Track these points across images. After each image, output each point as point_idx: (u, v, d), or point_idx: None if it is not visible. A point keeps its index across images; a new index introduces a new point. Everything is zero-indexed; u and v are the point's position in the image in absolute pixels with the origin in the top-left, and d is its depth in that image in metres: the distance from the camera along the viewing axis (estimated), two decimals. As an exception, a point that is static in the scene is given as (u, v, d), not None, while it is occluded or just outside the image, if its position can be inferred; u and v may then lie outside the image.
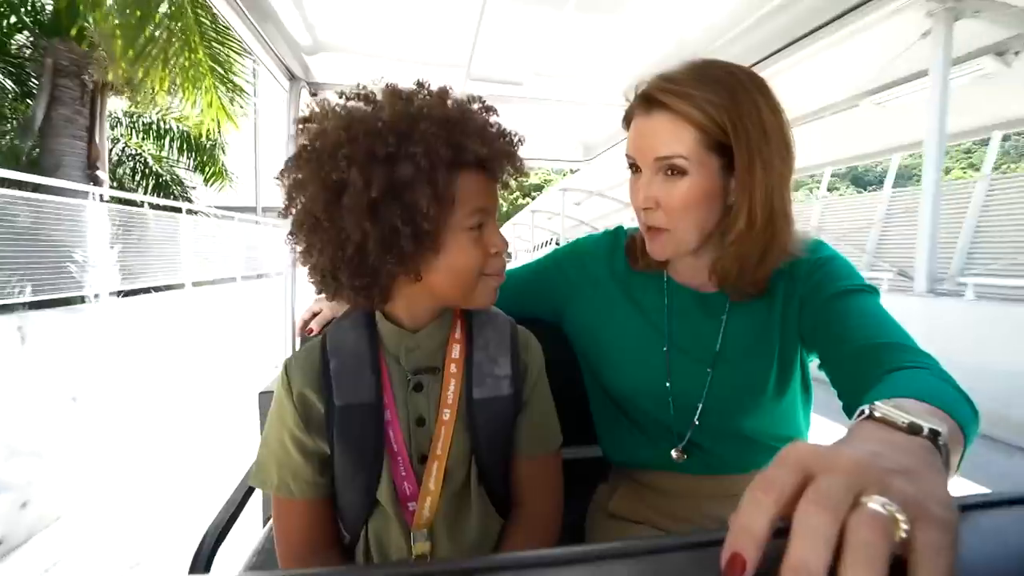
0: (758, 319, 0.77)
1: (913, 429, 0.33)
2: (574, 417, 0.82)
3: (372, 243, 0.55)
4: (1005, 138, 6.64)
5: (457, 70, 1.45)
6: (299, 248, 0.61)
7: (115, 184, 6.93)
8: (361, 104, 0.59)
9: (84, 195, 4.77)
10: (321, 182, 0.56)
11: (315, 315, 0.95)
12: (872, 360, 0.57)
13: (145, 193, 7.48)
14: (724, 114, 0.65)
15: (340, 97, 0.60)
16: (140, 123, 7.74)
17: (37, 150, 5.62)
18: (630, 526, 0.83)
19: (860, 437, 0.33)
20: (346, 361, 0.65)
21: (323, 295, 0.94)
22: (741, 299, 0.76)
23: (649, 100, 0.70)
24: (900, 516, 0.23)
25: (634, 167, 0.74)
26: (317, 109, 0.60)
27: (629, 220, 0.90)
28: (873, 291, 0.69)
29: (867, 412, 0.36)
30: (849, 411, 0.57)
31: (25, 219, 3.92)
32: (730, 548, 0.24)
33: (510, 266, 0.78)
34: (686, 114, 0.66)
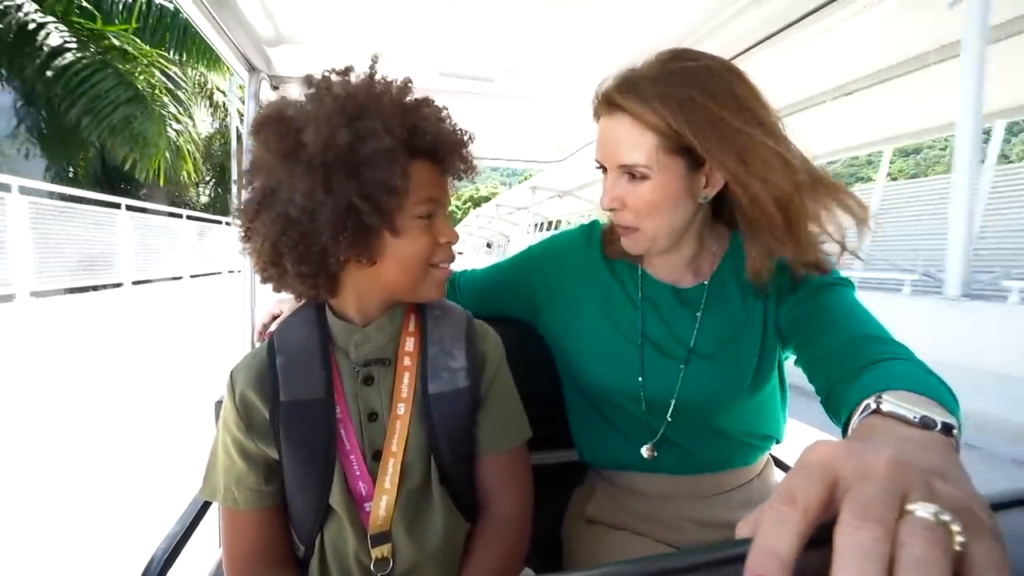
0: (734, 314, 0.76)
1: (925, 423, 0.31)
2: (548, 420, 0.80)
3: (325, 218, 0.54)
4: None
5: (426, 64, 1.41)
6: (242, 232, 0.60)
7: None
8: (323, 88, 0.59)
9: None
10: (277, 153, 0.55)
11: (275, 318, 0.89)
12: (853, 352, 0.56)
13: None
14: (681, 119, 0.63)
15: (308, 86, 0.60)
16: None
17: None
18: (609, 532, 0.82)
19: (876, 434, 0.31)
20: (294, 356, 0.63)
21: (284, 298, 0.91)
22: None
23: (610, 102, 0.68)
24: (956, 527, 0.21)
25: (602, 169, 0.74)
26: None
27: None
28: (849, 285, 0.69)
29: (873, 406, 0.34)
30: (830, 403, 0.57)
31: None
32: (753, 572, 0.21)
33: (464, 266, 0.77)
34: (644, 119, 0.65)
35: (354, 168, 0.53)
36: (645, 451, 0.78)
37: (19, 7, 6.84)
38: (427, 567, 0.64)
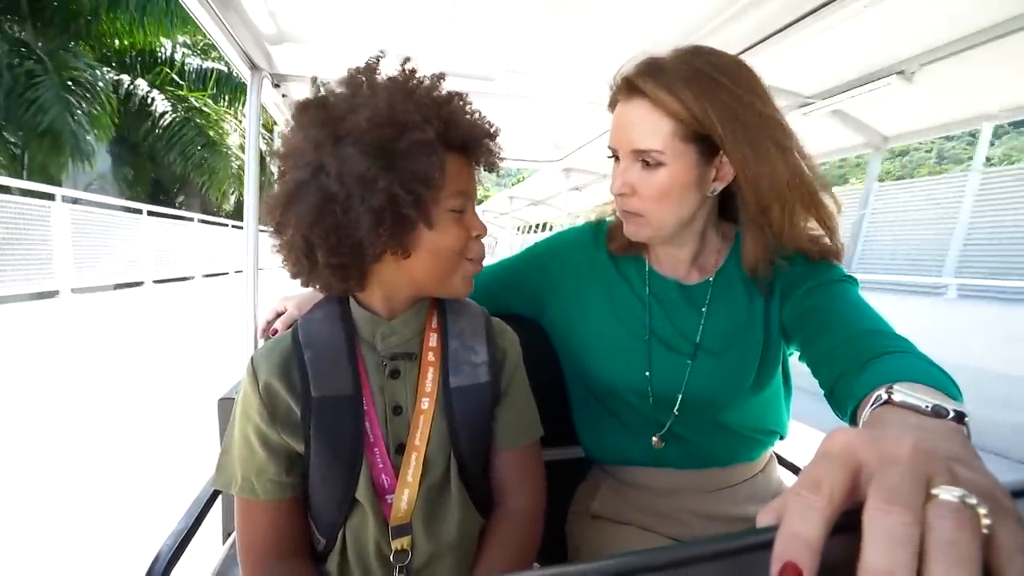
0: (740, 310, 0.77)
1: (937, 412, 0.32)
2: (553, 416, 0.80)
3: (364, 210, 0.53)
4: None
5: (428, 63, 1.41)
6: (273, 224, 0.60)
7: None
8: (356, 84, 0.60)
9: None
10: (318, 140, 0.55)
11: (279, 315, 0.89)
12: (857, 347, 0.57)
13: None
14: (705, 106, 0.64)
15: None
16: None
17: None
18: (614, 527, 0.82)
19: (890, 423, 0.32)
20: (322, 352, 0.63)
21: (289, 295, 0.91)
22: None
23: (630, 86, 0.69)
24: (982, 510, 0.21)
25: (614, 156, 0.74)
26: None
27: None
28: (853, 282, 0.70)
29: (884, 396, 0.35)
30: (834, 397, 0.58)
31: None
32: (781, 558, 0.21)
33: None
34: (664, 104, 0.66)
35: (395, 159, 0.53)
36: (655, 440, 0.79)
37: (136, 85, 10.44)
38: (443, 559, 0.64)
